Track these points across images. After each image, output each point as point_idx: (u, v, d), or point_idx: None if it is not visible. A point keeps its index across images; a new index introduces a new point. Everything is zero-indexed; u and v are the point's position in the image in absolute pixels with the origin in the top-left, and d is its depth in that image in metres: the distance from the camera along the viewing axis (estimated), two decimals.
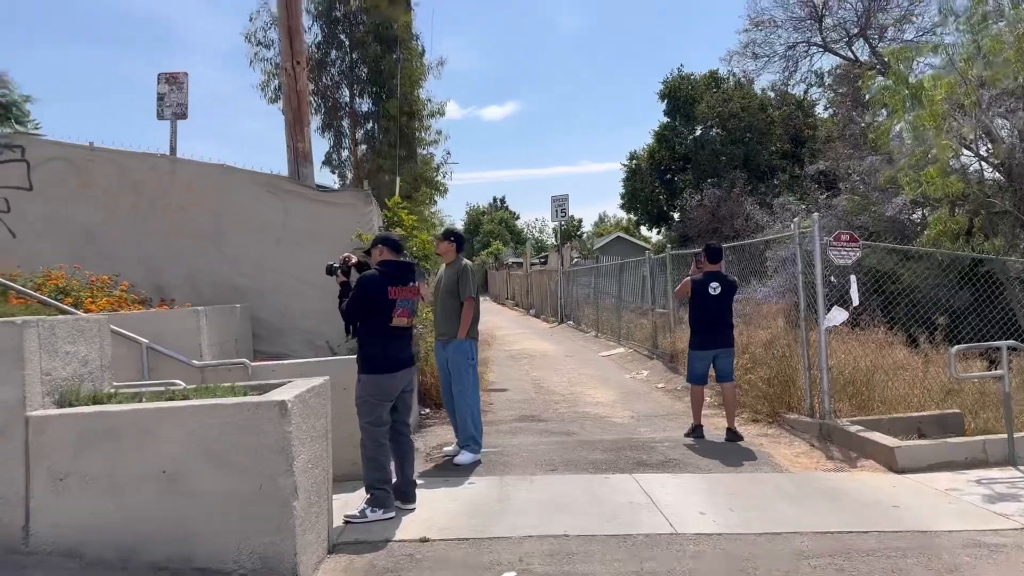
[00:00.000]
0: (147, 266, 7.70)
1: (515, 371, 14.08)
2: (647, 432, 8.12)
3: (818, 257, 7.51)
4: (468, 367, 6.60)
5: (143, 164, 7.86)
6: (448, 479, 6.05)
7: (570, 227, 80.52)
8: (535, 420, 9.05)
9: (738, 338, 9.40)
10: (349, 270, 5.28)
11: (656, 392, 11.00)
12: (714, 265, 7.50)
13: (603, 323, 19.36)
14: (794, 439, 7.46)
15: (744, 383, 8.79)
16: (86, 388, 4.00)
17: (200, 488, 3.49)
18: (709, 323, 7.41)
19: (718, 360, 7.48)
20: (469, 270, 6.64)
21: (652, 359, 13.69)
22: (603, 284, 19.89)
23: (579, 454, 6.91)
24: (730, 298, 7.49)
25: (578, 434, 8.06)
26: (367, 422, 4.98)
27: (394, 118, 14.03)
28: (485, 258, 72.79)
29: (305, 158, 8.18)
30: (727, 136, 26.66)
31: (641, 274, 15.43)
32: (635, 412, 9.42)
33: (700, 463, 6.54)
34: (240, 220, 7.84)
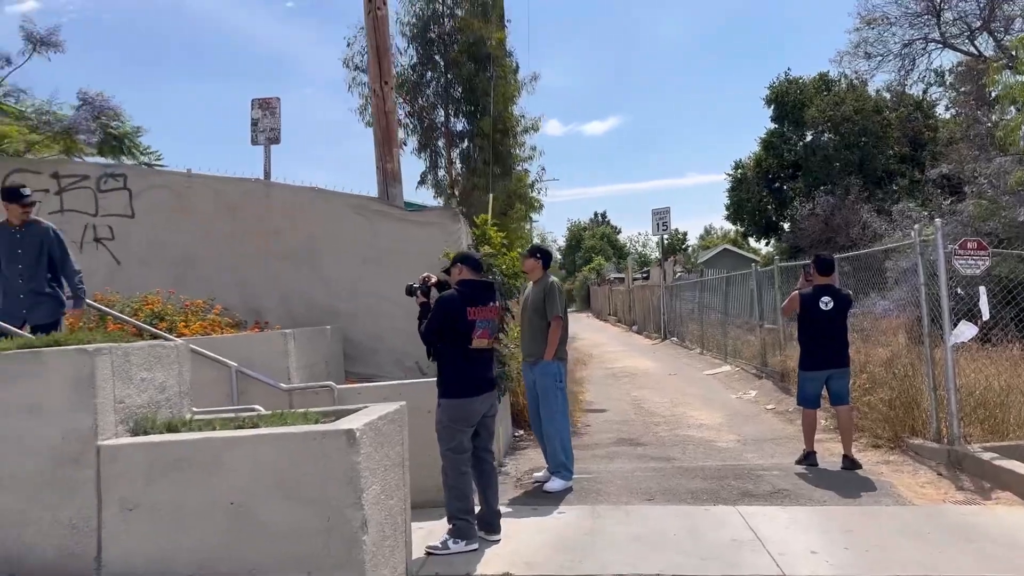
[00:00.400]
0: (243, 289, 7.84)
1: (615, 390, 13.70)
2: (754, 458, 7.63)
3: (942, 267, 6.87)
4: (556, 390, 6.35)
5: (238, 189, 8.03)
6: (537, 508, 5.80)
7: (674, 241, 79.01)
8: (633, 444, 8.69)
9: (855, 356, 8.75)
10: (429, 290, 5.14)
11: (765, 414, 10.41)
12: (825, 278, 6.98)
13: (708, 340, 18.69)
14: (919, 467, 6.83)
15: (862, 405, 8.16)
16: (163, 415, 3.98)
17: (267, 520, 3.38)
18: (821, 341, 6.89)
19: (832, 381, 6.94)
20: (556, 288, 6.40)
21: (761, 378, 13.03)
22: (708, 299, 19.24)
23: (679, 482, 6.52)
24: (844, 314, 6.94)
25: (679, 460, 7.66)
26: (447, 449, 4.80)
27: (487, 136, 13.99)
28: (587, 274, 72.28)
29: (394, 178, 8.16)
30: (840, 141, 25.41)
31: (748, 288, 14.78)
32: (741, 436, 8.91)
33: (812, 494, 6.03)
34: (331, 242, 7.88)
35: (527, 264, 6.60)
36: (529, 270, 6.61)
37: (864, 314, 10.14)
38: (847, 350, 6.98)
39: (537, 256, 6.59)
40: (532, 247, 6.75)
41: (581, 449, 8.44)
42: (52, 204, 7.84)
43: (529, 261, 6.59)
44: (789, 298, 7.23)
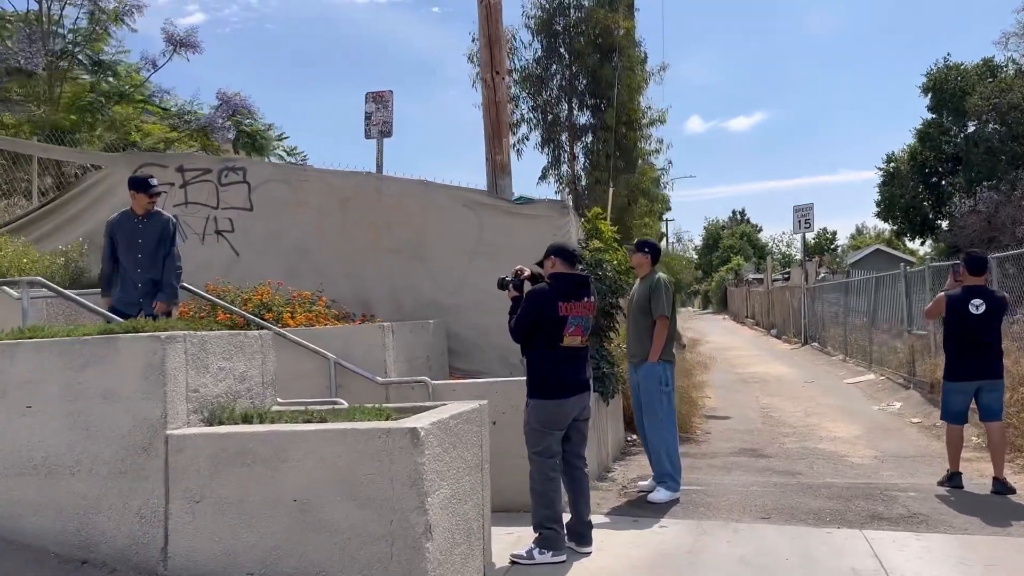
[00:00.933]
0: (353, 281, 7.89)
1: (743, 397, 13.01)
2: (891, 476, 6.93)
3: None
4: (661, 394, 5.96)
5: (350, 182, 8.09)
6: (638, 519, 5.45)
7: (822, 240, 75.25)
8: (756, 455, 8.13)
9: (1011, 367, 7.83)
10: (522, 284, 4.89)
11: (909, 428, 9.53)
12: (977, 278, 6.21)
13: (851, 345, 17.49)
14: None
15: (1019, 422, 7.26)
16: (243, 406, 3.94)
17: (330, 520, 3.25)
18: (970, 349, 6.14)
19: (982, 394, 6.17)
20: (663, 285, 6.01)
21: (908, 388, 11.99)
22: (853, 302, 17.99)
23: (799, 500, 5.98)
24: (998, 318, 6.16)
25: (804, 475, 7.07)
26: (535, 452, 4.55)
27: (610, 128, 13.61)
28: (724, 274, 70.14)
29: (502, 170, 7.98)
30: (1007, 131, 23.13)
31: (897, 290, 13.65)
32: (879, 452, 8.16)
33: (953, 520, 5.36)
34: (439, 235, 7.80)
35: (635, 259, 6.25)
36: (636, 265, 6.26)
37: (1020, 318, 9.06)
38: (1001, 359, 6.19)
39: (645, 251, 6.22)
40: (639, 241, 6.38)
41: (697, 458, 7.99)
42: (177, 197, 8.18)
43: (637, 256, 6.24)
44: (935, 300, 6.50)
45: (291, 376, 6.00)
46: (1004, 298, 6.24)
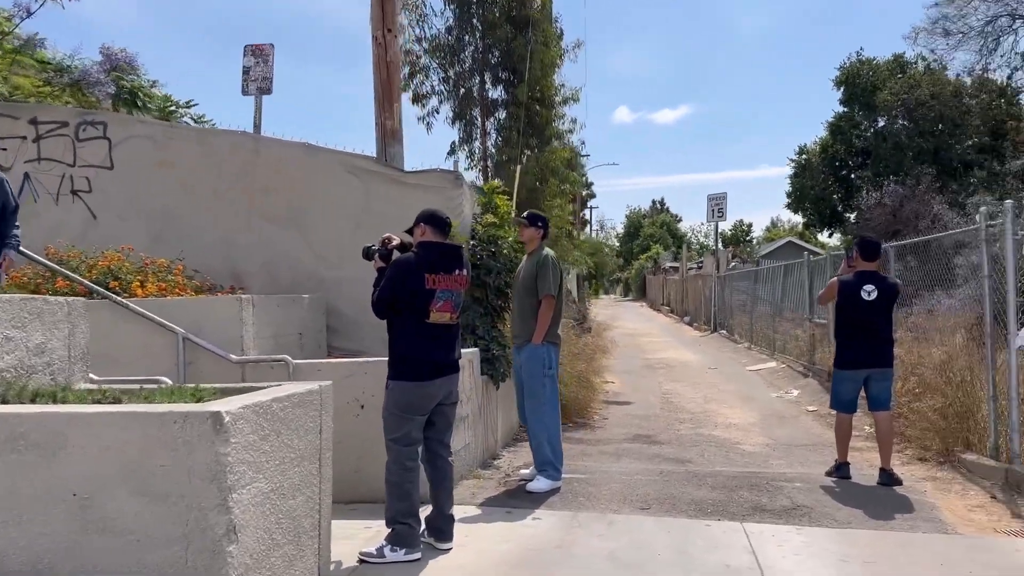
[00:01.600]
0: (225, 251, 7.28)
1: (646, 382, 12.90)
2: (780, 465, 6.80)
3: (1010, 255, 5.92)
4: (544, 377, 5.62)
5: (224, 142, 7.45)
6: (512, 511, 5.10)
7: (738, 232, 76.92)
8: (649, 442, 7.92)
9: (903, 356, 7.82)
10: (389, 254, 4.46)
11: (804, 416, 9.51)
12: (870, 263, 6.07)
13: (757, 333, 17.68)
14: (969, 487, 5.92)
15: (910, 412, 7.23)
16: (39, 383, 3.39)
17: (116, 519, 2.76)
18: (860, 336, 6.00)
19: (871, 383, 6.04)
20: (550, 262, 5.65)
21: (807, 376, 12.07)
22: (760, 291, 18.18)
23: (683, 490, 5.74)
24: (889, 305, 6.03)
25: (693, 463, 6.87)
26: (392, 439, 4.13)
27: (521, 104, 13.20)
28: (644, 262, 71.07)
29: (393, 136, 7.50)
30: (914, 127, 23.81)
31: (800, 279, 13.74)
32: (772, 439, 8.06)
33: (837, 513, 5.19)
34: (322, 203, 7.26)
35: (525, 233, 5.86)
36: (527, 240, 5.87)
37: (921, 312, 9.11)
38: (891, 347, 6.07)
39: (538, 225, 5.84)
40: (530, 214, 5.99)
41: (590, 444, 7.73)
42: (29, 152, 7.37)
43: (528, 230, 5.85)
44: (828, 285, 6.35)
45: (139, 353, 5.43)
46: (896, 284, 6.12)
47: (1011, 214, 6.02)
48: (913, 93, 23.32)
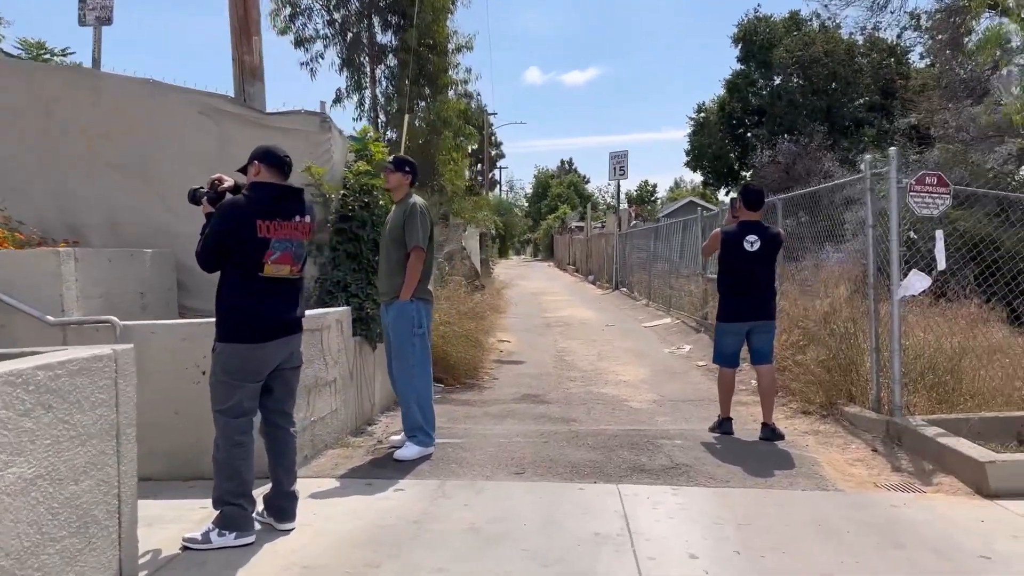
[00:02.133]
0: (61, 202, 6.51)
1: (543, 340, 12.65)
2: (664, 422, 6.61)
3: (894, 204, 5.81)
4: (412, 336, 5.18)
5: (56, 79, 6.63)
6: (372, 482, 4.69)
7: (643, 193, 77.99)
8: (537, 401, 7.63)
9: (788, 308, 7.75)
10: (220, 197, 3.91)
11: (695, 371, 9.42)
12: (753, 212, 5.86)
13: (655, 290, 17.73)
14: (851, 440, 5.85)
15: (793, 366, 7.15)
16: None
17: None
18: (743, 288, 5.81)
19: (754, 336, 5.87)
20: (419, 210, 5.18)
21: (699, 332, 12.06)
22: (659, 248, 18.21)
23: (562, 451, 5.45)
24: (772, 255, 5.85)
25: (578, 422, 6.61)
26: (219, 410, 3.64)
27: (412, 50, 12.56)
28: (552, 222, 71.29)
29: (252, 74, 6.83)
30: (808, 86, 24.21)
31: (694, 235, 13.71)
32: (661, 395, 7.90)
33: (716, 471, 4.99)
34: (171, 149, 6.56)
35: (392, 179, 5.35)
36: (393, 187, 5.36)
37: (810, 266, 9.09)
38: (774, 300, 5.90)
39: (406, 170, 5.33)
40: (396, 158, 5.48)
41: (475, 406, 7.38)
42: None
43: (394, 176, 5.33)
44: (711, 236, 6.12)
45: None
46: (779, 234, 5.93)
47: (895, 161, 5.90)
48: (808, 51, 23.66)
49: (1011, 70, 16.68)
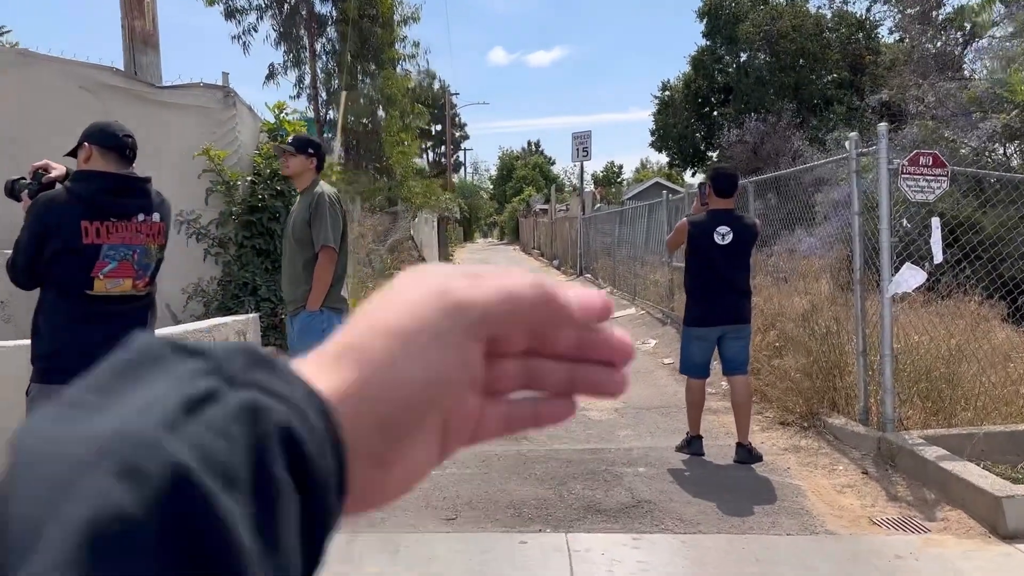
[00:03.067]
0: None
1: None
2: (627, 438, 5.87)
3: (884, 188, 5.09)
4: None
5: None
6: None
7: (609, 174, 77.39)
8: None
9: (763, 306, 7.02)
10: (43, 190, 3.03)
11: (661, 370, 8.69)
12: (725, 200, 5.08)
13: (619, 278, 17.01)
14: (838, 458, 5.15)
15: (770, 372, 6.44)
16: None
17: None
18: (714, 287, 5.04)
19: (726, 342, 5.12)
20: (327, 201, 4.31)
21: (665, 324, 11.34)
22: (623, 233, 17.49)
23: (506, 486, 4.66)
24: (747, 250, 5.09)
25: (529, 439, 5.83)
26: None
27: (351, 21, 11.60)
28: (517, 205, 70.50)
29: (145, 42, 5.90)
30: (775, 62, 23.58)
31: (658, 220, 12.98)
32: (623, 402, 7.13)
33: (684, 510, 4.24)
34: (45, 129, 5.60)
35: (292, 164, 4.44)
36: (295, 173, 4.46)
37: (783, 253, 8.37)
38: (748, 301, 5.15)
39: (309, 151, 4.45)
40: (296, 137, 4.58)
41: None
42: None
43: (296, 160, 4.42)
44: (676, 227, 5.34)
45: None
46: (755, 225, 5.16)
47: (885, 140, 5.17)
48: (775, 25, 23.03)
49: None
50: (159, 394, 0.29)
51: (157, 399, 0.29)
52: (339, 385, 0.36)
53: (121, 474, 0.26)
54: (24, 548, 0.24)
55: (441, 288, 0.38)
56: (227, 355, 0.32)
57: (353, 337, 0.37)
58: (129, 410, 0.28)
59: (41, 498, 0.25)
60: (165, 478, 0.26)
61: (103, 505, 0.25)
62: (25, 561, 0.24)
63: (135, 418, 0.28)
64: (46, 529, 0.25)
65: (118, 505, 0.25)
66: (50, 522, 0.25)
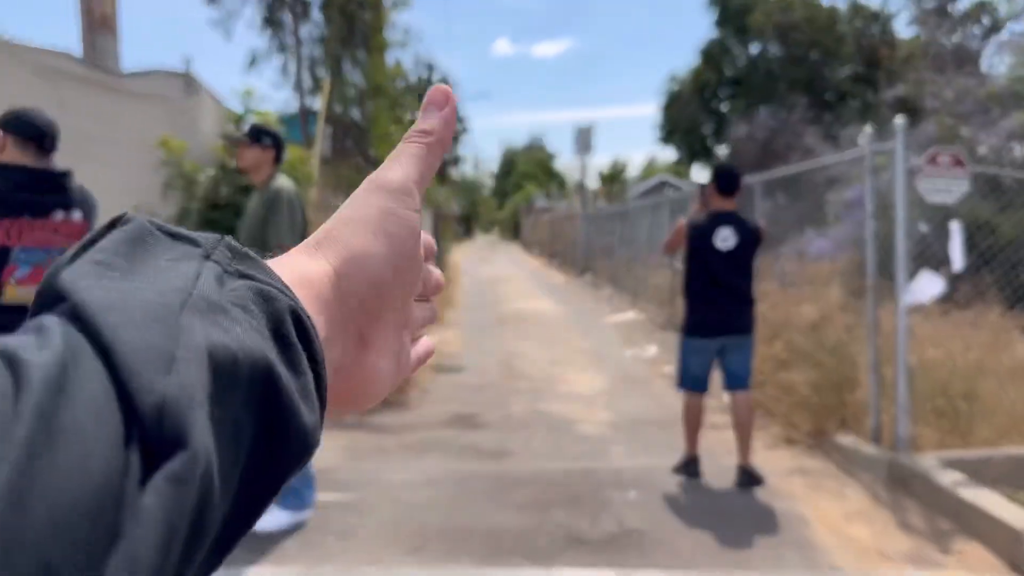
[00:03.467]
0: None
1: (491, 341, 11.60)
2: (619, 455, 5.62)
3: (901, 189, 4.83)
4: None
5: None
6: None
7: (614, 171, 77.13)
8: (469, 425, 6.59)
9: (768, 314, 6.75)
10: None
11: (659, 380, 8.43)
12: (727, 200, 4.82)
13: (620, 280, 16.77)
14: (846, 482, 4.90)
15: (775, 386, 6.17)
16: None
17: None
18: (714, 294, 4.79)
19: (727, 354, 4.86)
20: (284, 198, 4.05)
21: (666, 330, 11.08)
22: (626, 232, 17.24)
23: (482, 511, 4.40)
24: (750, 255, 4.83)
25: (514, 456, 5.60)
26: None
27: (338, 5, 11.35)
28: (518, 201, 70.42)
29: (103, 25, 5.65)
30: (787, 55, 23.30)
31: (660, 220, 12.74)
32: (618, 414, 6.91)
33: (678, 542, 3.98)
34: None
35: (247, 156, 4.17)
36: (250, 166, 4.20)
37: (790, 254, 8.11)
38: (751, 309, 4.87)
39: (266, 143, 4.18)
40: (255, 126, 4.29)
41: (392, 433, 6.31)
42: None
43: (251, 151, 4.15)
44: (674, 229, 5.06)
45: None
46: (759, 228, 4.89)
47: (902, 136, 4.91)
48: (787, 16, 22.74)
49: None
50: (189, 269, 0.33)
51: (193, 271, 0.32)
52: (327, 269, 0.42)
53: (213, 324, 0.30)
54: (155, 364, 0.27)
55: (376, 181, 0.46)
56: (212, 244, 0.35)
57: (328, 228, 0.44)
58: (172, 277, 0.31)
59: (151, 329, 0.28)
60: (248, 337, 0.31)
61: (213, 341, 0.29)
62: (169, 373, 0.27)
63: (189, 283, 0.32)
64: (178, 352, 0.28)
65: (224, 343, 0.30)
66: (176, 347, 0.28)
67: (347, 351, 0.42)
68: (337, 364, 0.41)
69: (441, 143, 0.48)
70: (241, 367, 0.30)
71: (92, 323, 0.27)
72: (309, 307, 0.37)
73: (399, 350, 0.46)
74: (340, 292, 0.41)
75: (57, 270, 0.31)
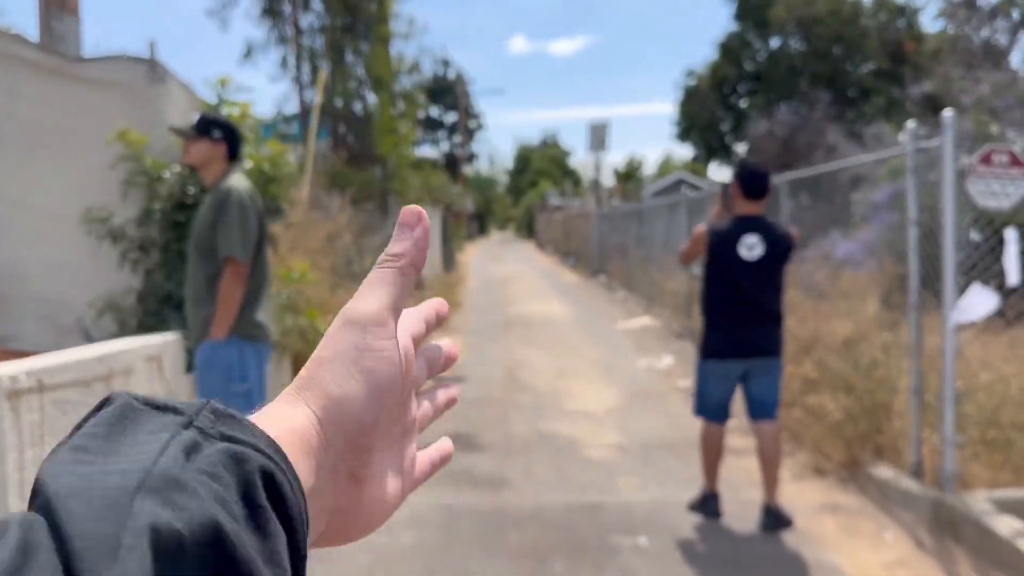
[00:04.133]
0: None
1: (496, 347, 11.08)
2: (628, 487, 5.09)
3: (949, 191, 4.28)
4: (232, 397, 3.51)
5: None
6: None
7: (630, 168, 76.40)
8: (465, 447, 6.08)
9: (796, 330, 6.19)
10: None
11: (674, 395, 7.89)
12: (754, 203, 4.26)
13: (635, 282, 16.21)
14: (885, 523, 4.36)
15: (804, 409, 5.61)
16: None
17: None
18: (737, 310, 4.23)
19: (752, 380, 4.30)
20: (235, 200, 3.50)
21: (682, 338, 10.55)
22: (640, 232, 16.67)
23: (467, 564, 3.88)
24: (779, 267, 4.26)
25: (512, 486, 5.08)
26: None
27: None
28: (532, 198, 69.93)
29: (63, 6, 5.16)
30: (809, 49, 22.63)
31: (677, 221, 12.18)
32: (628, 436, 6.38)
33: None
34: None
35: (194, 151, 3.61)
36: (198, 162, 3.66)
37: (816, 259, 7.52)
38: (779, 327, 4.30)
39: (215, 136, 3.63)
40: (204, 117, 3.74)
41: None
42: None
43: (199, 145, 3.59)
44: (693, 236, 4.50)
45: None
46: (790, 236, 4.32)
47: (952, 132, 4.34)
48: (809, 9, 22.06)
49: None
50: (158, 443, 0.34)
51: (159, 446, 0.34)
52: (312, 417, 0.43)
53: (164, 502, 0.32)
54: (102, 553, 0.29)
55: (348, 316, 0.47)
56: (196, 410, 0.37)
57: (309, 371, 0.45)
58: (140, 454, 0.34)
59: (104, 517, 0.30)
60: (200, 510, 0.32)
61: (159, 523, 0.31)
62: (113, 562, 0.29)
63: (151, 460, 0.33)
64: (124, 539, 0.30)
65: (169, 523, 0.31)
66: (123, 534, 0.30)
67: (341, 492, 0.44)
68: (331, 507, 0.44)
69: (413, 265, 0.49)
70: (187, 544, 0.31)
71: (55, 515, 0.30)
72: (296, 458, 0.39)
73: (401, 465, 0.50)
74: (326, 438, 0.43)
75: (46, 459, 0.34)
